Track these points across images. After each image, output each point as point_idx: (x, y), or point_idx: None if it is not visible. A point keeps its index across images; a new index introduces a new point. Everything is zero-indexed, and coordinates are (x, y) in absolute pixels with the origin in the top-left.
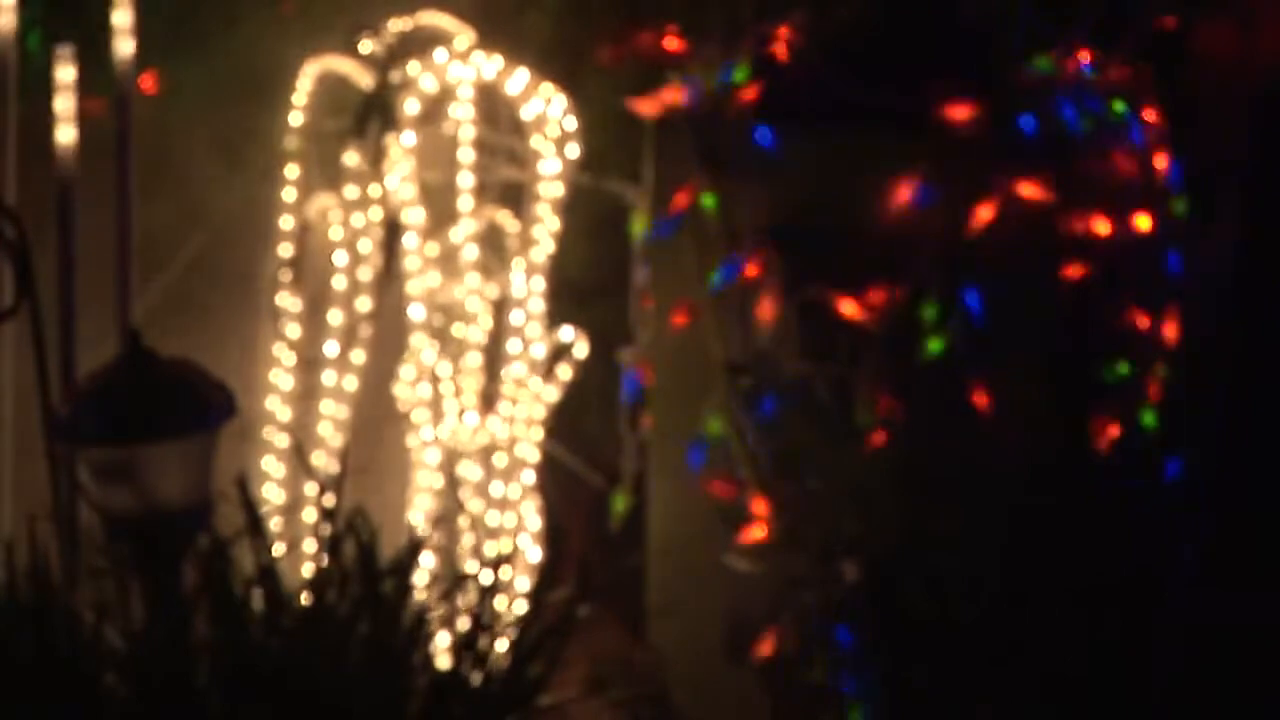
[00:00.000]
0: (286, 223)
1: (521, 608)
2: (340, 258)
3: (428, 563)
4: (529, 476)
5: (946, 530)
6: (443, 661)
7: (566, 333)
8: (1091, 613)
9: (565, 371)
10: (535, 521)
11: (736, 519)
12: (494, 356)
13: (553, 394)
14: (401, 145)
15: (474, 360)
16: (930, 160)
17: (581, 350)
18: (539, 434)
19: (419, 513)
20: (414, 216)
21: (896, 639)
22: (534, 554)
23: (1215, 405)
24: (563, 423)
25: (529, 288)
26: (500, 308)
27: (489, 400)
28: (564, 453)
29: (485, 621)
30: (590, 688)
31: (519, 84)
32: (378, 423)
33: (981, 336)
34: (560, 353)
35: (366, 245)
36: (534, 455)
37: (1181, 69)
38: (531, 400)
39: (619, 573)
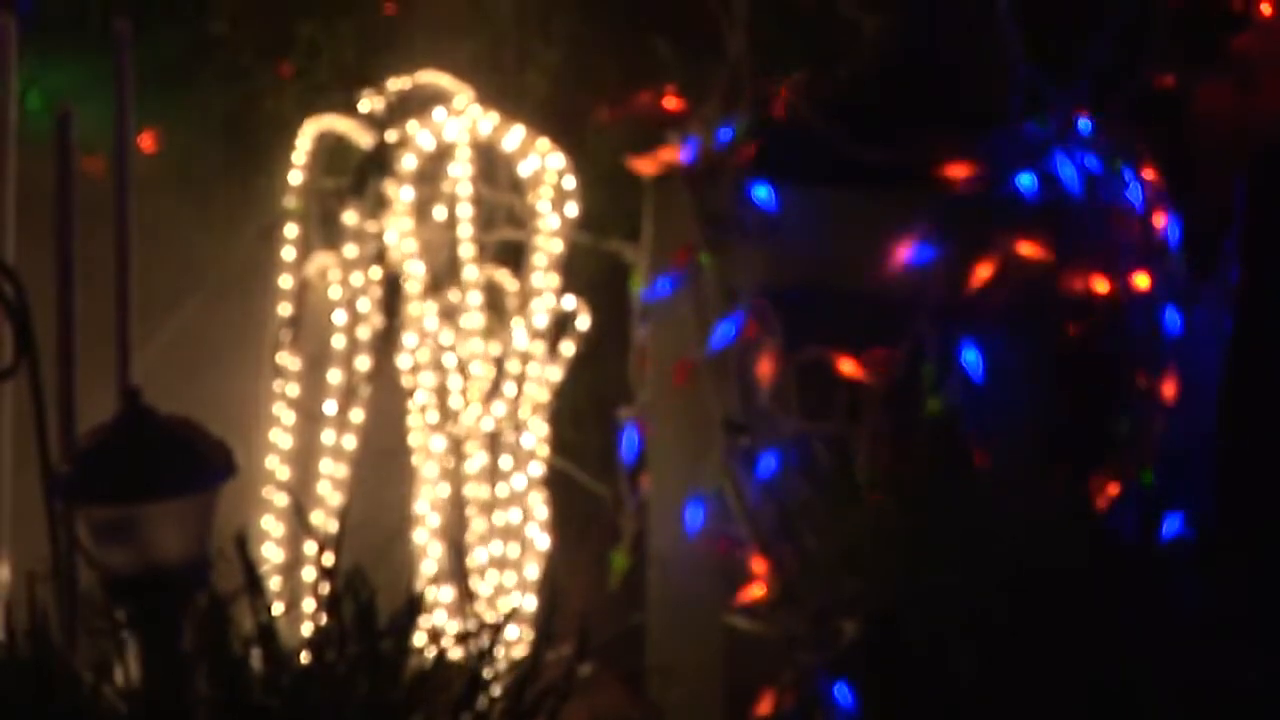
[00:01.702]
0: (286, 281)
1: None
2: (339, 316)
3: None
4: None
5: (946, 588)
6: None
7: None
8: (1092, 669)
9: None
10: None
11: (736, 578)
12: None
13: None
14: (401, 201)
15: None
16: (929, 219)
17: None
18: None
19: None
20: (414, 274)
21: (896, 697)
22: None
23: (1214, 462)
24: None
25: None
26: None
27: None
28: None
29: (484, 681)
30: None
31: (515, 140)
32: (377, 480)
33: (980, 395)
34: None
35: (365, 304)
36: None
37: (1180, 128)
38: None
39: (619, 631)
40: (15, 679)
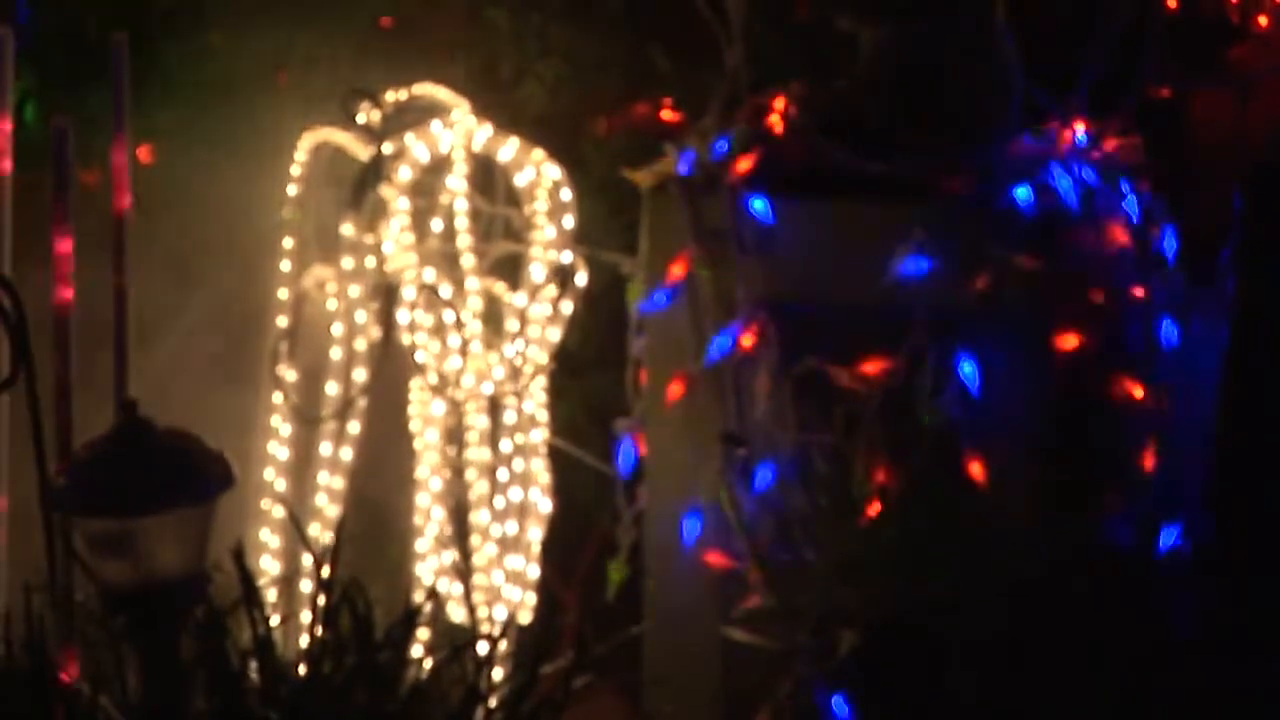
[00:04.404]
0: (283, 293)
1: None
2: (337, 328)
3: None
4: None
5: (944, 600)
6: None
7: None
8: (1090, 680)
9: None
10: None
11: (733, 589)
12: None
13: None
14: (398, 210)
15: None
16: (926, 231)
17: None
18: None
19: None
20: (411, 286)
21: (894, 709)
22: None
23: (1211, 474)
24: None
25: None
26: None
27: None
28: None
29: (481, 693)
30: None
31: (510, 152)
32: (375, 491)
33: (977, 407)
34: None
35: (362, 316)
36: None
37: (1177, 139)
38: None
39: (616, 643)
40: (13, 691)
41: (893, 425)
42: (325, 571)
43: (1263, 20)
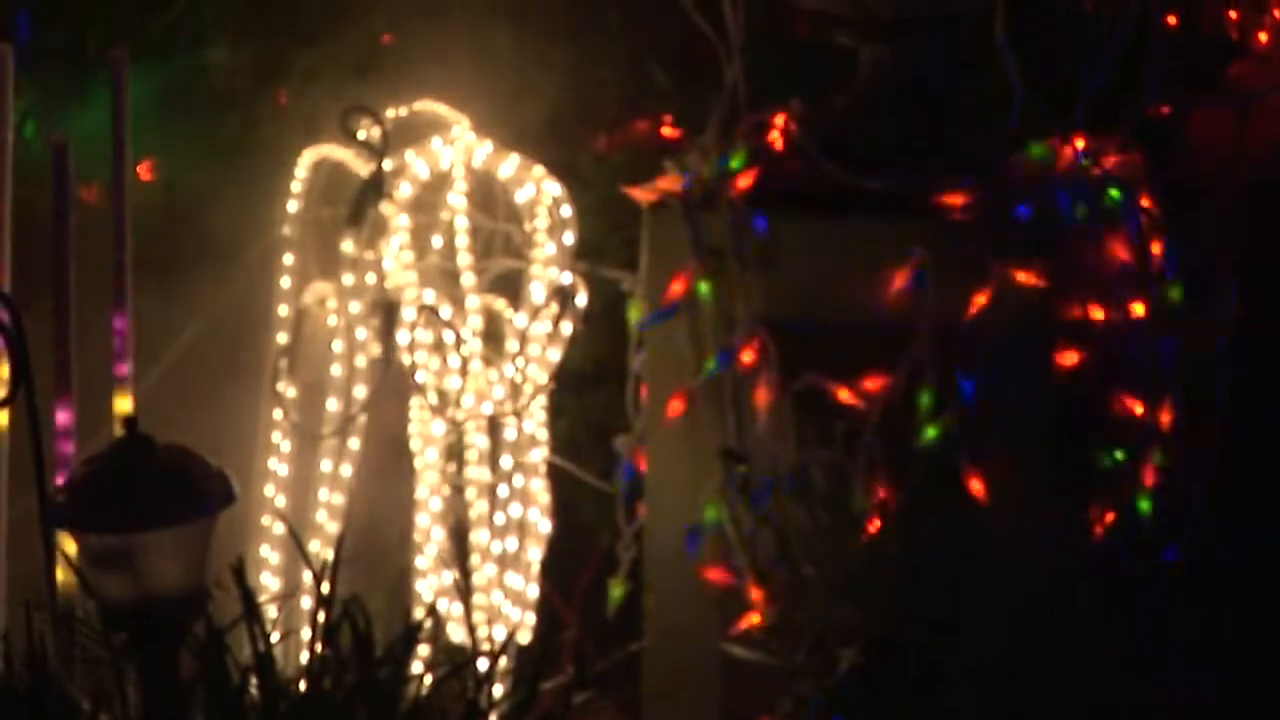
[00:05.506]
0: (283, 310)
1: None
2: (337, 345)
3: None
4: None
5: (944, 616)
6: None
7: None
8: (1090, 697)
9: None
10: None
11: (733, 606)
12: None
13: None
14: (398, 227)
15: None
16: (926, 247)
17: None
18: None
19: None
20: (410, 302)
21: None
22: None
23: (1211, 490)
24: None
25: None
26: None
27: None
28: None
29: (481, 710)
30: None
31: (510, 168)
32: (375, 508)
33: (977, 423)
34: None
35: (363, 333)
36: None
37: (1177, 156)
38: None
39: (616, 659)
40: (12, 709)
41: (893, 442)
42: (325, 588)
43: (1262, 38)
